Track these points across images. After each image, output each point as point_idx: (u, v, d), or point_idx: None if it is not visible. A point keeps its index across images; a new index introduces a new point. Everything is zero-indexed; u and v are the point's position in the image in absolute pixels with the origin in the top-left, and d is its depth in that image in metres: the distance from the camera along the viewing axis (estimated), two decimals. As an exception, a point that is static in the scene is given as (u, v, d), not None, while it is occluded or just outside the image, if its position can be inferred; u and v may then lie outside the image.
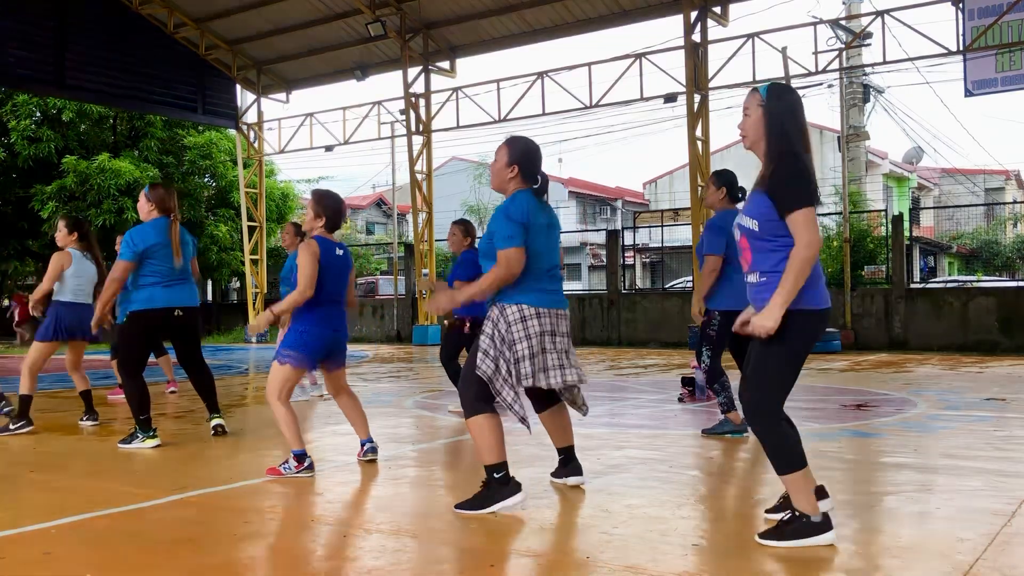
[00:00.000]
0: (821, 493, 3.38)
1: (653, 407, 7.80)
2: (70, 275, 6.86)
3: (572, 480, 4.42)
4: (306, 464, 4.85)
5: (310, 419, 7.40)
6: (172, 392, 9.23)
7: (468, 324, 7.00)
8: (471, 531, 3.71)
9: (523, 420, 4.03)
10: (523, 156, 4.14)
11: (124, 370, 5.90)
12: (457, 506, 3.99)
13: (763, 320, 3.27)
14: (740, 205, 5.78)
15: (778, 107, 3.38)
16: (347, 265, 5.09)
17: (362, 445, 5.30)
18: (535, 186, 4.16)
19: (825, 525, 3.34)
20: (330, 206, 5.02)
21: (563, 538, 3.63)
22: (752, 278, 3.44)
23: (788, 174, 3.32)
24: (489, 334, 4.03)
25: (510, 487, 3.97)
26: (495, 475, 3.96)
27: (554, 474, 4.52)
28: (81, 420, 7.06)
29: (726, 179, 6.05)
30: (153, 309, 5.87)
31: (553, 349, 4.06)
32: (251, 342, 21.74)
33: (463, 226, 7.22)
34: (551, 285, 4.13)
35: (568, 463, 4.44)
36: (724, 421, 6.03)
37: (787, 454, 3.35)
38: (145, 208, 6.08)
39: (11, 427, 6.60)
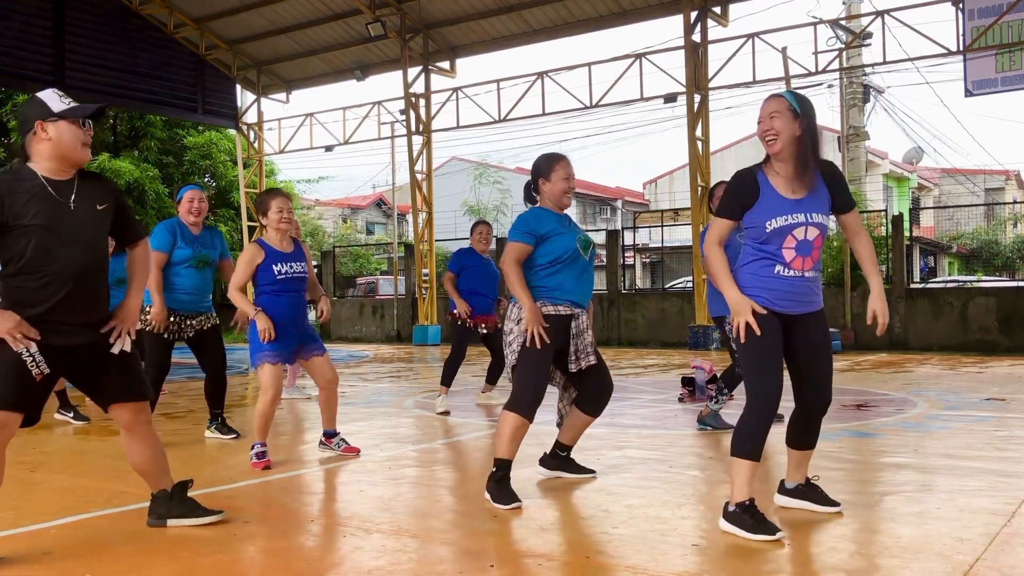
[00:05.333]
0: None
1: (653, 407, 7.80)
2: None
3: None
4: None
5: (310, 419, 7.41)
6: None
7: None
8: (471, 531, 3.71)
9: None
10: None
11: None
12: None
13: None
14: None
15: (811, 116, 3.62)
16: None
17: None
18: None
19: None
20: None
21: (563, 538, 3.63)
22: (810, 273, 3.61)
23: (841, 176, 3.76)
24: None
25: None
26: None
27: None
28: (57, 414, 7.16)
29: None
30: None
31: None
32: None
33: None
34: None
35: None
36: (716, 414, 6.30)
37: None
38: None
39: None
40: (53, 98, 3.42)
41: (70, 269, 3.36)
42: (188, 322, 5.99)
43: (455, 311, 7.55)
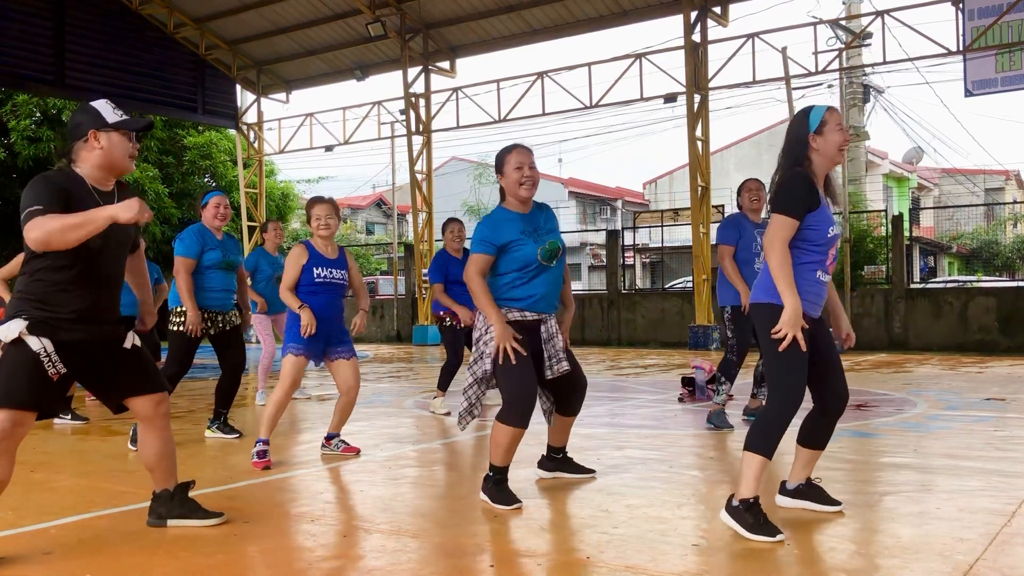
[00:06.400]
0: None
1: (653, 407, 7.80)
2: None
3: None
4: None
5: (309, 419, 7.41)
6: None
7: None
8: (471, 531, 3.71)
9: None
10: None
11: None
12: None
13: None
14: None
15: None
16: None
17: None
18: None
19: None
20: None
21: (563, 538, 3.63)
22: (827, 278, 3.73)
23: None
24: None
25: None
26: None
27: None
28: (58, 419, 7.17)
29: None
30: None
31: None
32: (251, 341, 21.72)
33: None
34: None
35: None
36: (721, 412, 6.35)
37: None
38: None
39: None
40: (107, 108, 3.46)
41: (104, 279, 3.45)
42: (218, 319, 6.07)
43: (441, 313, 7.40)
